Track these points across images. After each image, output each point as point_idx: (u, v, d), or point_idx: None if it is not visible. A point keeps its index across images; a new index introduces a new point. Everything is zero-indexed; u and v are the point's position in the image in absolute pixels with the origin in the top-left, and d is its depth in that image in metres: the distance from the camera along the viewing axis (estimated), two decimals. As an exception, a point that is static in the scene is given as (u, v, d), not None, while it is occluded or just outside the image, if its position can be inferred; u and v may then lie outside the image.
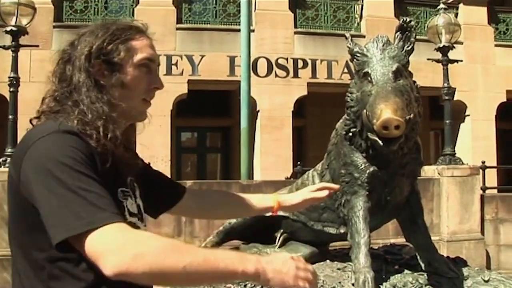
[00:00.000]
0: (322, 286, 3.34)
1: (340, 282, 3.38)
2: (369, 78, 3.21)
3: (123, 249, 1.20)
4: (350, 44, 3.43)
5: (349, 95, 3.43)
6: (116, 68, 1.49)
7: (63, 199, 1.24)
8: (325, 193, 2.18)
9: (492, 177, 11.43)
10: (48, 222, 1.25)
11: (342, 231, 3.72)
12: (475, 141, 13.64)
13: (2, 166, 7.74)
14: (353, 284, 3.23)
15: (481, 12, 14.13)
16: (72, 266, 1.33)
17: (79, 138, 1.35)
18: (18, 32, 8.10)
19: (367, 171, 3.39)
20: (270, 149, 12.66)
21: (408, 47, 3.32)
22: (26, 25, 8.24)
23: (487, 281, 3.48)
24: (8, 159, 7.81)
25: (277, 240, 4.10)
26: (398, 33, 3.34)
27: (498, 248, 9.02)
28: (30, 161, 1.30)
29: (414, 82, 3.36)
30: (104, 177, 1.35)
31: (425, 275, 3.51)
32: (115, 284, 1.25)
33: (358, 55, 3.35)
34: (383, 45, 3.29)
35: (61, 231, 1.23)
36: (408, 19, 3.35)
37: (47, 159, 1.28)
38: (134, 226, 1.46)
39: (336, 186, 2.27)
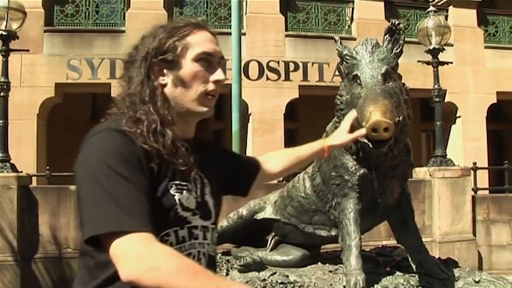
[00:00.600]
0: (313, 288, 3.35)
1: (331, 285, 3.39)
2: (358, 81, 3.22)
3: (141, 260, 1.24)
4: (339, 47, 3.45)
5: (339, 97, 3.44)
6: (174, 65, 1.52)
7: (99, 200, 1.29)
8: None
9: (483, 178, 11.48)
10: (82, 218, 1.33)
11: (333, 233, 3.72)
12: (466, 142, 13.69)
13: (-5, 170, 7.70)
14: (344, 287, 3.24)
15: (471, 14, 14.20)
16: (93, 263, 1.40)
17: (126, 136, 1.39)
18: (9, 37, 8.06)
19: (357, 174, 3.40)
20: (262, 152, 12.38)
21: (397, 49, 3.33)
22: (16, 29, 8.20)
23: (477, 282, 3.49)
24: (-1, 164, 7.78)
25: (268, 243, 4.11)
26: (387, 35, 3.36)
27: (490, 248, 9.06)
28: (81, 158, 1.38)
29: (404, 84, 3.37)
30: (152, 173, 1.40)
31: (417, 276, 3.53)
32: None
33: (347, 57, 3.36)
34: (372, 48, 3.30)
35: (89, 229, 1.29)
36: (397, 22, 3.36)
37: (93, 158, 1.35)
38: (185, 220, 1.48)
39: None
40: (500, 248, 9.13)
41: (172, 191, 1.46)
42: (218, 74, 1.56)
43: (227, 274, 3.73)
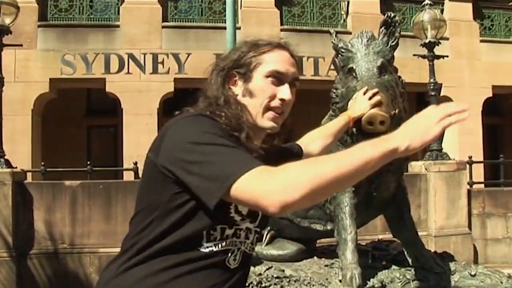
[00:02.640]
0: (309, 283, 3.34)
1: (327, 279, 3.37)
2: (354, 74, 3.20)
3: (280, 187, 1.27)
4: (334, 39, 3.43)
5: (334, 91, 3.42)
6: (247, 78, 1.64)
7: (223, 153, 1.37)
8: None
9: (479, 172, 11.51)
10: (209, 173, 1.36)
11: (329, 227, 3.71)
12: (462, 136, 13.71)
13: (-11, 166, 7.66)
14: (340, 281, 3.23)
15: (467, 8, 14.20)
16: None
17: (215, 121, 1.50)
18: (1, 32, 8.02)
19: (353, 167, 3.38)
20: None
21: (392, 42, 3.32)
22: (9, 24, 8.15)
23: (473, 276, 3.49)
24: (-4, 159, 7.74)
25: (264, 238, 4.09)
26: (383, 28, 3.34)
27: (485, 242, 9.08)
28: (174, 137, 1.45)
29: (399, 77, 3.35)
30: None
31: (412, 270, 3.52)
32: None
33: (342, 50, 3.34)
34: (367, 41, 3.28)
35: (228, 175, 1.33)
36: (392, 14, 3.34)
37: (192, 133, 1.43)
38: (234, 222, 1.53)
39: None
40: (496, 242, 9.15)
41: None
42: (285, 93, 1.64)
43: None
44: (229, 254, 1.54)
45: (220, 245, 1.51)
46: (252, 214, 1.58)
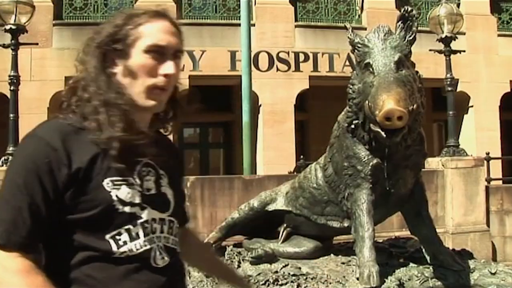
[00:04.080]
0: (326, 280, 3.31)
1: (344, 276, 3.35)
2: (371, 69, 3.17)
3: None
4: (351, 35, 3.39)
5: (351, 86, 3.39)
6: (124, 55, 1.45)
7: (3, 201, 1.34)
8: None
9: (496, 168, 11.37)
10: None
11: (345, 224, 3.68)
12: (479, 132, 13.56)
13: (4, 165, 7.70)
14: (357, 278, 3.20)
15: (484, 2, 14.01)
16: None
17: (45, 143, 1.36)
18: (17, 31, 8.05)
19: (370, 164, 3.35)
20: (272, 144, 12.61)
21: (410, 36, 3.28)
22: (25, 23, 8.19)
23: (494, 274, 3.44)
24: (10, 158, 7.78)
25: (280, 235, 4.08)
26: (400, 22, 3.30)
27: (504, 239, 8.94)
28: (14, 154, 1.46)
29: (417, 72, 3.32)
30: (73, 175, 1.36)
31: (431, 268, 3.48)
32: None
33: (359, 46, 3.31)
34: (384, 35, 3.24)
35: None
36: (409, 9, 3.31)
37: (18, 159, 1.40)
38: (134, 216, 1.42)
39: None
40: (514, 239, 9.04)
41: (107, 188, 1.40)
42: (167, 68, 1.47)
43: (238, 266, 3.70)
44: (152, 253, 1.45)
45: (135, 247, 1.41)
46: (156, 200, 1.49)
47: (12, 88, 8.11)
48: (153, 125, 1.58)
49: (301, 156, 9.94)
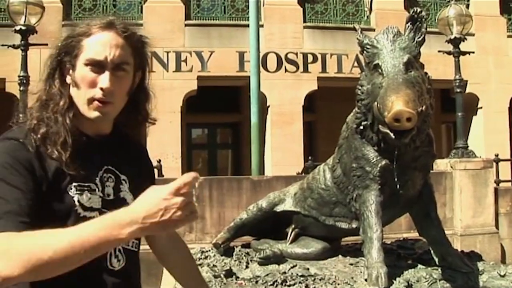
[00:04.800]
0: (334, 281, 3.31)
1: (352, 278, 3.34)
2: (380, 70, 3.16)
3: (3, 254, 1.20)
4: (360, 36, 3.38)
5: (360, 87, 3.38)
6: (72, 67, 1.52)
7: None
8: None
9: (505, 170, 11.34)
10: None
11: (354, 225, 3.68)
12: (488, 133, 13.54)
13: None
14: (366, 280, 3.19)
15: (493, 3, 13.99)
16: None
17: (20, 144, 1.42)
18: (27, 31, 8.13)
19: (379, 165, 3.34)
20: (280, 144, 12.62)
21: (419, 38, 3.27)
22: (35, 24, 8.27)
23: (503, 276, 3.42)
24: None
25: (288, 236, 4.07)
26: (409, 23, 3.29)
27: (513, 241, 8.94)
28: None
29: (426, 73, 3.30)
30: (47, 177, 1.41)
31: (439, 269, 3.46)
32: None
33: (368, 47, 3.30)
34: (393, 36, 3.23)
35: None
36: (418, 10, 3.29)
37: None
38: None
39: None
40: (524, 241, 9.01)
41: (71, 193, 1.46)
42: (102, 81, 1.49)
43: (247, 267, 3.70)
44: (108, 256, 1.49)
45: None
46: (115, 205, 1.46)
47: (21, 88, 8.17)
48: (117, 129, 1.64)
49: (310, 157, 9.96)
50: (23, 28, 8.04)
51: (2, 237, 1.23)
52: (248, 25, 8.89)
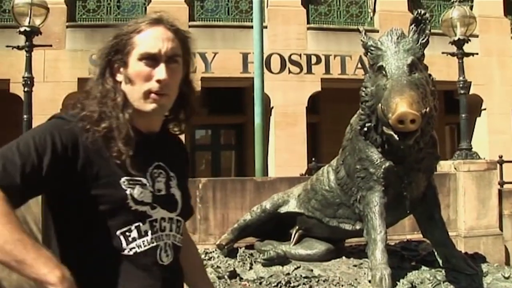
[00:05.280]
0: (338, 283, 3.32)
1: (356, 279, 3.35)
2: (384, 72, 3.17)
3: None
4: (364, 38, 3.39)
5: (364, 89, 3.39)
6: (124, 64, 1.56)
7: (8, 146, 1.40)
8: None
9: (510, 172, 11.29)
10: None
11: (358, 227, 3.68)
12: (492, 135, 13.52)
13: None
14: (369, 281, 3.20)
15: (497, 4, 13.97)
16: None
17: (70, 128, 1.46)
18: (32, 33, 8.15)
19: (383, 166, 3.35)
20: (284, 146, 12.62)
21: (423, 39, 3.27)
22: (39, 25, 8.29)
23: (507, 278, 3.42)
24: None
25: (292, 237, 4.09)
26: (413, 25, 3.30)
27: (517, 243, 8.92)
28: None
29: (430, 75, 3.31)
30: (97, 167, 1.46)
31: (443, 271, 3.47)
32: None
33: (372, 48, 3.31)
34: (397, 38, 3.24)
35: None
36: (422, 11, 3.30)
37: (32, 130, 1.50)
38: (144, 215, 1.51)
39: None
40: (528, 243, 8.99)
41: (123, 186, 1.49)
42: (159, 73, 1.54)
43: (250, 268, 3.71)
44: (158, 251, 1.53)
45: (143, 244, 1.50)
46: (165, 201, 1.57)
47: (26, 89, 8.21)
48: (164, 127, 1.68)
49: (313, 158, 9.96)
50: (27, 29, 8.07)
51: None
52: (251, 27, 8.90)
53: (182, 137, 1.85)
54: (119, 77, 1.57)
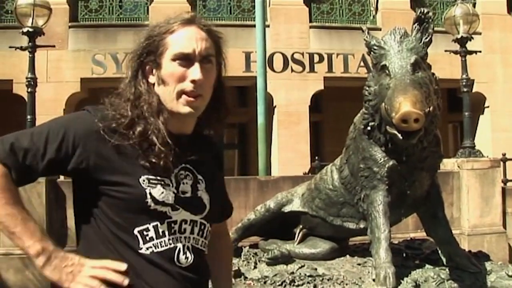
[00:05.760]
0: (342, 281, 3.33)
1: (360, 278, 3.37)
2: (387, 71, 3.18)
3: None
4: (367, 37, 3.41)
5: (367, 88, 3.40)
6: (157, 65, 1.55)
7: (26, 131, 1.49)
8: None
9: (513, 170, 11.34)
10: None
11: (361, 226, 3.70)
12: (495, 133, 13.51)
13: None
14: (373, 280, 3.21)
15: (500, 1, 13.95)
16: None
17: (90, 124, 1.49)
18: (35, 33, 8.16)
19: (386, 165, 3.37)
20: (287, 145, 12.63)
21: (426, 38, 3.29)
22: (42, 26, 8.30)
23: (511, 276, 3.44)
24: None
25: (296, 236, 4.11)
26: (416, 24, 3.31)
27: (521, 241, 8.94)
28: None
29: (433, 74, 3.32)
30: (115, 164, 1.48)
31: (447, 269, 3.48)
32: None
33: (375, 48, 3.32)
34: (400, 37, 3.26)
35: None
36: (425, 10, 3.32)
37: (59, 118, 1.58)
38: (164, 215, 1.50)
39: None
40: (532, 241, 9.01)
41: (143, 185, 1.48)
42: (193, 73, 1.52)
43: (255, 267, 3.73)
44: (176, 252, 1.52)
45: (160, 245, 1.49)
46: (190, 203, 1.56)
47: (29, 90, 8.21)
48: (197, 128, 1.66)
49: (316, 157, 9.98)
50: (30, 30, 8.08)
51: None
52: (253, 25, 8.90)
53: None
54: (152, 79, 1.56)
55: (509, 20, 14.13)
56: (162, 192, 1.50)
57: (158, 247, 1.49)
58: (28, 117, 8.16)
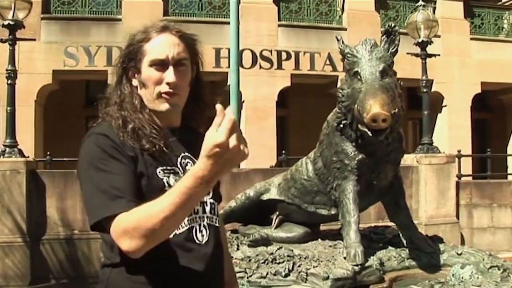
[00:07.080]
0: (318, 259, 3.75)
1: (333, 256, 3.79)
2: (359, 77, 3.64)
3: (125, 232, 1.45)
4: (341, 45, 3.85)
5: (340, 91, 3.85)
6: (138, 71, 1.74)
7: (92, 193, 1.55)
8: None
9: (467, 165, 11.85)
10: (85, 208, 1.60)
11: (333, 212, 4.14)
12: (452, 130, 14.10)
13: (1, 157, 7.95)
14: (345, 258, 3.66)
15: (458, 7, 14.49)
16: (105, 246, 1.68)
17: (105, 136, 1.62)
18: (15, 26, 8.28)
19: (356, 158, 3.82)
20: (255, 139, 12.80)
21: (393, 49, 3.76)
22: (22, 19, 8.42)
23: (460, 254, 3.96)
24: (7, 150, 8.02)
25: (273, 222, 4.49)
26: (384, 36, 3.78)
27: (472, 231, 9.54)
28: (79, 160, 1.65)
29: (398, 79, 3.80)
30: (136, 160, 1.62)
31: (407, 250, 3.98)
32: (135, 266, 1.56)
33: (349, 55, 3.77)
34: (371, 47, 3.71)
35: (90, 218, 1.55)
36: (393, 24, 3.78)
37: (84, 160, 1.62)
38: None
39: None
40: (481, 231, 9.61)
41: (160, 175, 1.65)
42: (168, 77, 1.70)
43: (238, 249, 4.11)
44: (194, 231, 1.67)
45: (180, 227, 1.62)
46: None
47: (9, 82, 8.31)
48: (184, 122, 1.84)
49: (283, 151, 10.29)
50: (11, 23, 8.20)
51: (118, 219, 1.47)
52: (225, 23, 9.05)
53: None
54: (135, 82, 1.75)
55: (466, 24, 14.71)
56: (176, 180, 1.65)
57: (178, 229, 1.62)
58: (8, 108, 8.28)
